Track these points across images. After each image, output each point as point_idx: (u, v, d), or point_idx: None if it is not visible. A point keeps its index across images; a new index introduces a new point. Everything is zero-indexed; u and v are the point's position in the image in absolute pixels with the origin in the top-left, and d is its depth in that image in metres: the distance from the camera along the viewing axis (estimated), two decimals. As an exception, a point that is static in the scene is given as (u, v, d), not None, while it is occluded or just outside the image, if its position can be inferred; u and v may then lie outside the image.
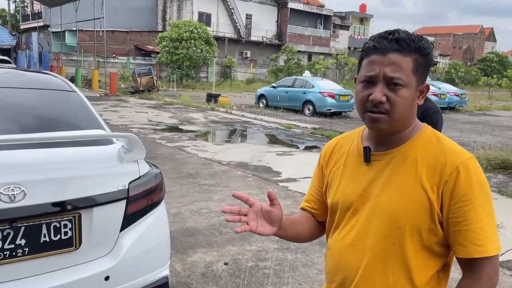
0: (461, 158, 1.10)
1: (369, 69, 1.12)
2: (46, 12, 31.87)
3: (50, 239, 1.85)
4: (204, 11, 37.11)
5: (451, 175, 1.08)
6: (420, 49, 1.11)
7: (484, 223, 1.07)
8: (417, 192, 1.11)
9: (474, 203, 1.07)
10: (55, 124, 2.31)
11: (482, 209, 1.08)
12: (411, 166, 1.13)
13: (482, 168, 5.21)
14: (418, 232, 1.12)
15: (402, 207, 1.12)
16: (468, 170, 1.08)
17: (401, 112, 1.12)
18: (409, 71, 1.10)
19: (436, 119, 2.46)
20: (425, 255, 1.14)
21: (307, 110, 16.27)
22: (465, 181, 1.08)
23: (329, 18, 46.72)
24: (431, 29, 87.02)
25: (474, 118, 18.04)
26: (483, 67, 51.70)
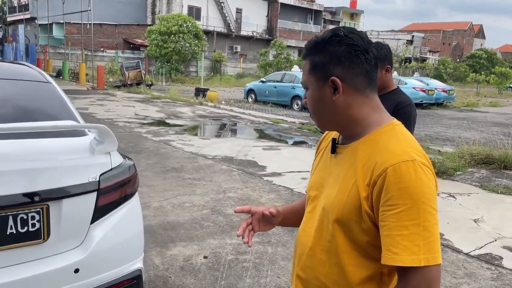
0: (395, 160, 1.03)
1: None
2: (33, 4, 31.43)
3: (17, 231, 1.81)
4: (194, 5, 36.87)
5: (379, 176, 1.04)
6: (313, 50, 1.15)
7: (408, 231, 0.99)
8: (351, 189, 1.10)
9: (398, 209, 1.00)
10: (27, 114, 2.27)
11: (408, 217, 1.00)
12: (354, 162, 1.13)
13: (465, 163, 5.25)
14: (349, 229, 1.11)
15: (336, 202, 1.13)
16: (398, 173, 1.01)
17: (314, 111, 1.19)
18: (307, 73, 1.16)
19: (409, 113, 2.46)
20: (356, 254, 1.12)
21: (296, 105, 16.29)
22: (392, 184, 1.01)
23: (320, 13, 46.75)
24: (421, 25, 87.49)
25: (461, 114, 18.22)
26: (472, 64, 52.13)
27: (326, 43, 1.13)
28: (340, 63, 1.10)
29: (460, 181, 6.59)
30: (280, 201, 5.21)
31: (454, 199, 5.70)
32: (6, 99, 2.32)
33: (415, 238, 1.00)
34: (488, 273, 3.60)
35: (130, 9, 35.76)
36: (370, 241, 1.10)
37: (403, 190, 1.01)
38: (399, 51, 45.98)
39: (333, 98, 1.13)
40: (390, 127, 1.14)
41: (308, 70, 1.16)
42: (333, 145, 1.22)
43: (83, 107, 12.97)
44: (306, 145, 9.62)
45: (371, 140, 1.13)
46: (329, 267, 1.17)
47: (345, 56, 1.10)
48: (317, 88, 1.15)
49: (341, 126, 1.18)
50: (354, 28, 1.17)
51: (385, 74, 2.52)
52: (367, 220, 1.08)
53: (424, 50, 62.94)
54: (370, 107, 1.15)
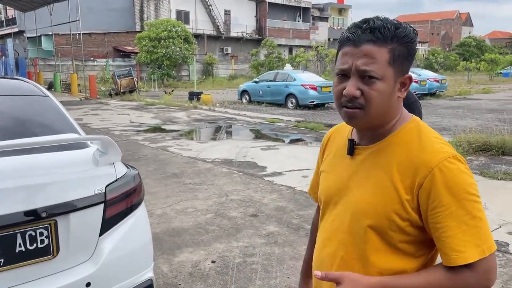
0: (437, 159, 1.01)
1: (342, 61, 1.07)
2: (20, 18, 31.22)
3: (26, 248, 1.79)
4: (182, 9, 36.81)
5: (425, 178, 1.01)
6: (398, 37, 1.03)
7: (468, 226, 0.99)
8: (388, 192, 1.06)
9: (453, 207, 0.99)
10: (27, 130, 2.25)
11: (464, 212, 0.99)
12: (386, 163, 1.08)
13: (463, 151, 5.27)
14: (385, 233, 1.07)
15: (370, 206, 1.08)
16: (444, 172, 1.00)
17: (377, 106, 1.05)
18: (385, 63, 1.03)
19: (415, 109, 2.42)
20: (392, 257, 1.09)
21: (290, 103, 16.29)
22: (441, 184, 0.99)
23: (308, 10, 46.83)
24: (408, 16, 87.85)
25: (454, 103, 18.30)
26: (461, 52, 52.45)
27: (408, 35, 1.05)
28: (412, 59, 1.08)
29: (460, 170, 6.61)
30: (283, 201, 5.20)
31: (455, 188, 5.71)
32: (5, 115, 2.30)
33: (475, 231, 1.00)
34: (496, 260, 3.60)
35: (118, 17, 35.63)
36: (406, 240, 1.07)
37: (453, 188, 1.00)
38: (389, 43, 46.08)
39: (399, 95, 1.09)
40: (413, 124, 1.11)
41: (388, 60, 1.03)
42: (352, 146, 1.17)
43: (78, 118, 12.90)
44: (303, 143, 9.62)
45: (400, 139, 1.09)
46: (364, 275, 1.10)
47: (415, 53, 1.09)
48: (392, 81, 1.05)
49: (386, 122, 1.10)
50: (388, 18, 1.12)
51: None
52: (407, 224, 1.05)
53: (413, 41, 63.11)
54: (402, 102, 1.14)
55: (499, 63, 35.15)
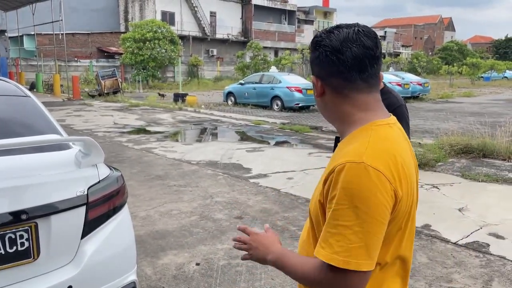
0: (346, 160, 1.04)
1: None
2: (1, 17, 30.62)
3: (6, 251, 1.76)
4: (167, 10, 36.64)
5: (330, 174, 1.07)
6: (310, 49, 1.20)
7: (336, 230, 1.01)
8: (318, 188, 1.16)
9: (335, 207, 1.02)
10: (7, 130, 2.20)
11: (340, 217, 1.01)
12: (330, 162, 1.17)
13: (445, 153, 5.34)
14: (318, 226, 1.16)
15: (312, 201, 1.20)
16: (343, 173, 1.02)
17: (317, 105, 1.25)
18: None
19: (401, 113, 2.42)
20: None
21: (276, 106, 16.33)
22: (335, 182, 1.03)
23: (293, 13, 47.07)
24: (392, 20, 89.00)
25: (437, 106, 18.58)
26: (444, 56, 53.34)
27: (312, 44, 1.18)
28: (318, 64, 1.14)
29: (442, 172, 6.71)
30: (268, 203, 5.20)
31: (437, 189, 5.80)
32: (-16, 115, 2.25)
33: (340, 239, 1.01)
34: (477, 261, 3.66)
35: (102, 17, 35.27)
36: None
37: (342, 191, 1.01)
38: (373, 47, 46.54)
39: (317, 97, 1.21)
40: (368, 127, 1.12)
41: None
42: (336, 142, 1.28)
43: (60, 119, 12.71)
44: (288, 145, 9.64)
45: (347, 139, 1.16)
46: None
47: (319, 58, 1.13)
48: (313, 84, 1.20)
49: (332, 122, 1.23)
50: (340, 26, 1.14)
51: None
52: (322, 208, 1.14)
53: (397, 45, 64.02)
54: (353, 106, 1.14)
55: (481, 67, 35.87)
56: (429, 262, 3.64)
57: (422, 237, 4.19)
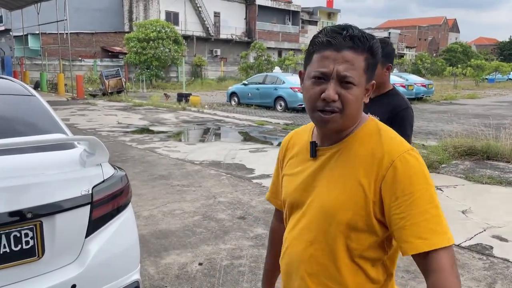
0: (398, 152, 1.07)
1: (322, 64, 1.09)
2: (6, 16, 30.78)
3: (11, 249, 1.77)
4: (172, 10, 36.69)
5: (387, 169, 1.06)
6: (372, 48, 1.10)
7: (431, 214, 1.03)
8: (354, 188, 1.09)
9: (414, 196, 1.03)
10: (12, 129, 2.22)
11: (424, 201, 1.03)
12: (350, 161, 1.13)
13: (449, 155, 5.34)
14: (354, 229, 1.10)
15: (339, 202, 1.11)
16: (405, 163, 1.06)
17: (352, 110, 1.10)
18: (361, 70, 1.09)
19: (404, 117, 2.37)
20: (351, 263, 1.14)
21: (279, 106, 16.33)
22: (403, 174, 1.04)
23: (297, 14, 47.05)
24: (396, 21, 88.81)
25: (441, 108, 18.53)
26: (448, 57, 53.19)
27: (379, 47, 1.13)
28: (375, 68, 1.15)
29: (445, 174, 6.69)
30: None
31: (441, 191, 5.78)
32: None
33: (438, 220, 1.04)
34: (480, 263, 3.65)
35: (107, 17, 35.36)
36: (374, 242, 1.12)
37: (414, 178, 1.05)
38: (377, 48, 46.48)
39: (365, 100, 1.15)
40: (373, 122, 1.19)
41: (364, 68, 1.10)
42: (314, 148, 1.21)
43: (64, 118, 12.75)
44: (292, 146, 9.64)
45: (361, 137, 1.14)
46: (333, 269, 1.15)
47: (377, 64, 1.16)
48: (364, 88, 1.12)
49: (353, 125, 1.16)
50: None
51: (386, 73, 2.41)
52: (372, 217, 1.09)
53: (401, 46, 63.89)
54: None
55: (485, 69, 35.73)
56: (432, 264, 3.62)
57: (425, 239, 4.18)
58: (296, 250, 1.21)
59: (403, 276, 3.41)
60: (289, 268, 1.24)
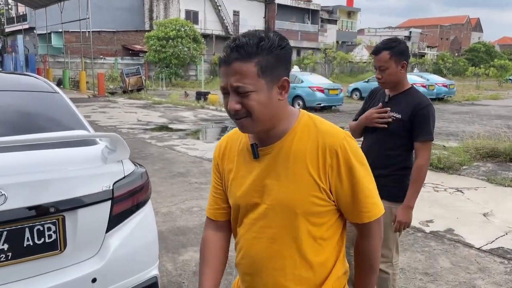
0: (338, 140, 1.18)
1: (221, 80, 1.15)
2: (31, 14, 31.47)
3: (34, 242, 1.81)
4: (191, 9, 36.92)
5: (332, 158, 1.17)
6: (262, 50, 1.11)
7: (369, 191, 1.21)
8: (306, 180, 1.18)
9: (357, 177, 1.18)
10: (37, 125, 2.27)
11: (365, 181, 1.20)
12: (295, 156, 1.19)
13: (471, 157, 5.25)
14: (314, 216, 1.21)
15: (295, 196, 1.19)
16: (345, 150, 1.17)
17: (260, 114, 1.14)
18: (254, 76, 1.10)
19: (427, 114, 2.39)
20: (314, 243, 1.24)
21: (297, 105, 16.26)
22: (345, 160, 1.17)
23: (317, 12, 46.77)
24: (418, 20, 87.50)
25: (462, 108, 18.19)
26: (471, 57, 52.14)
27: (272, 45, 1.12)
28: (286, 63, 1.16)
29: (466, 176, 6.57)
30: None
31: (461, 193, 5.69)
32: (16, 111, 2.32)
33: (375, 194, 1.23)
34: (502, 267, 3.58)
35: (128, 15, 35.83)
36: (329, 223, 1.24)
37: (354, 162, 1.18)
38: (397, 47, 45.87)
39: (280, 98, 1.17)
40: (305, 116, 1.25)
41: (256, 73, 1.11)
42: (255, 149, 1.24)
43: (86, 115, 12.98)
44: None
45: (301, 130, 1.21)
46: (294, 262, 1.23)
47: (288, 57, 1.17)
48: (266, 90, 1.13)
49: (277, 123, 1.20)
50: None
51: (401, 71, 2.41)
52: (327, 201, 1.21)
53: (422, 45, 62.96)
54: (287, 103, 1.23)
55: (509, 69, 34.92)
56: (452, 267, 3.57)
57: (445, 241, 4.12)
58: (258, 248, 1.25)
59: (421, 279, 3.37)
60: (253, 268, 1.28)
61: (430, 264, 3.62)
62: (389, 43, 2.39)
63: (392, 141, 2.44)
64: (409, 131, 2.40)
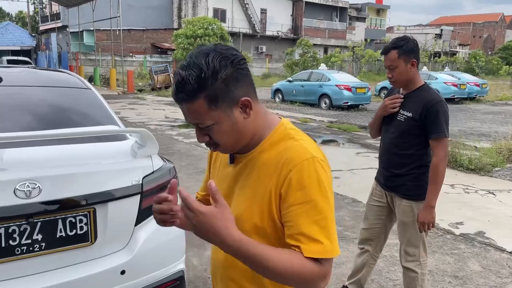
0: (298, 159, 1.06)
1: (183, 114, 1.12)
2: (64, 13, 32.35)
3: (66, 234, 1.87)
4: (219, 7, 37.13)
5: (285, 177, 1.06)
6: (204, 85, 1.02)
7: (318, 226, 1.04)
8: (263, 195, 1.10)
9: (306, 207, 1.04)
10: (70, 120, 2.34)
11: (316, 212, 1.04)
12: (260, 169, 1.13)
13: (503, 158, 5.07)
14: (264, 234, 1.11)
15: (247, 211, 1.13)
16: (301, 172, 1.05)
17: (227, 141, 1.11)
18: (207, 110, 1.05)
19: (437, 111, 2.36)
20: None
21: (324, 104, 16.15)
22: (297, 183, 1.04)
23: (345, 10, 46.21)
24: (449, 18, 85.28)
25: (495, 108, 17.63)
26: (505, 56, 50.42)
27: (212, 76, 1.02)
28: (240, 81, 1.07)
29: (498, 178, 6.37)
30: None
31: (493, 196, 5.52)
32: (51, 105, 2.40)
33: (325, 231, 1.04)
34: (535, 273, 3.46)
35: (157, 14, 36.34)
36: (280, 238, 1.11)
37: (307, 189, 1.04)
38: (428, 45, 44.90)
39: (245, 116, 1.10)
40: (281, 128, 1.16)
41: (208, 108, 1.04)
42: (232, 155, 1.21)
43: (116, 111, 12.99)
44: (336, 144, 9.52)
45: (271, 143, 1.14)
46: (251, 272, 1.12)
47: (239, 73, 1.07)
48: (225, 116, 1.07)
49: (248, 141, 1.14)
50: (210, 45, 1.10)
51: (411, 69, 2.42)
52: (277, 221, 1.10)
53: (453, 43, 61.31)
54: (262, 112, 1.16)
55: (545, 69, 33.57)
56: (482, 271, 3.48)
57: (476, 244, 4.01)
58: (218, 256, 1.23)
59: (450, 282, 3.30)
60: (215, 275, 1.29)
61: (459, 267, 3.54)
62: (397, 42, 2.43)
63: (406, 141, 2.47)
64: (422, 129, 2.40)
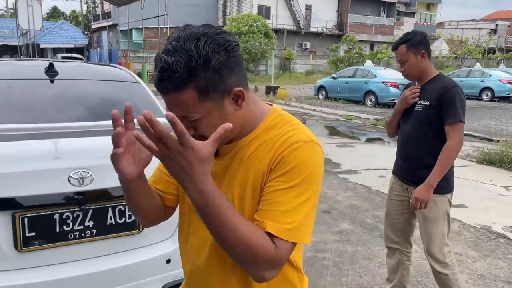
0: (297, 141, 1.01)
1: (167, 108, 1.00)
2: (114, 12, 33.56)
3: (116, 221, 1.94)
4: (264, 4, 37.18)
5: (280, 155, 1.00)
6: (196, 70, 0.91)
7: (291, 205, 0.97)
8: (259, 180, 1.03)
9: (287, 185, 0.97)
10: (121, 112, 2.42)
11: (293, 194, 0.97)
12: (254, 157, 1.05)
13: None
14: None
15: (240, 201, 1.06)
16: (295, 151, 1.00)
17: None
18: (196, 102, 0.94)
19: (453, 94, 2.34)
20: None
21: (369, 101, 15.82)
22: (289, 162, 0.99)
23: (393, 5, 44.96)
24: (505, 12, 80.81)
25: (555, 108, 16.56)
26: None
27: (205, 63, 0.92)
28: (233, 69, 0.97)
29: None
30: (358, 199, 5.08)
31: (552, 200, 5.19)
32: (102, 98, 2.50)
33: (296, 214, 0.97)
34: None
35: (202, 11, 36.91)
36: None
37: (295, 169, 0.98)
38: (481, 41, 42.90)
39: (237, 108, 1.01)
40: (275, 114, 1.10)
41: (198, 98, 0.94)
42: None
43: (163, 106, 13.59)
44: (381, 142, 9.30)
45: (265, 129, 1.06)
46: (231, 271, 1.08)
47: (233, 62, 0.97)
48: (218, 108, 0.97)
49: (237, 132, 1.05)
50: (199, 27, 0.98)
51: (421, 60, 2.44)
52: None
53: (510, 39, 58.11)
54: (253, 101, 1.08)
55: None
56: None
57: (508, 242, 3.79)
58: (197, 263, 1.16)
59: (503, 287, 3.13)
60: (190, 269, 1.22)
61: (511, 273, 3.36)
62: (405, 37, 2.48)
63: (425, 131, 2.44)
64: (440, 116, 2.38)
